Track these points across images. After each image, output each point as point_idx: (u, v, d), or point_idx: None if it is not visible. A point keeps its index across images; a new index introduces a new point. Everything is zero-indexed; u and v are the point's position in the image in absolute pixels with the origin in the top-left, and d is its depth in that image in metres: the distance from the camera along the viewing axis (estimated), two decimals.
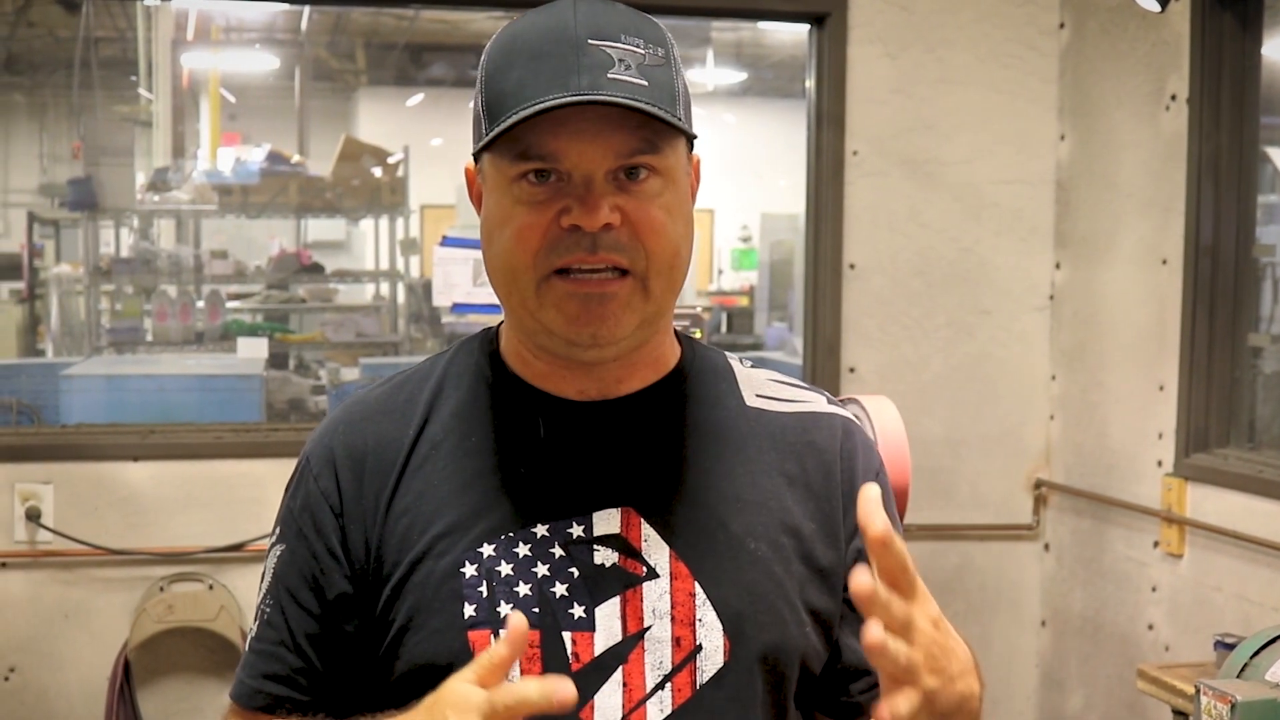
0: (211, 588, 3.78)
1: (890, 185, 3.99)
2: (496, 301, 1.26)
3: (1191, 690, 2.62)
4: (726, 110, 12.52)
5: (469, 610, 1.27)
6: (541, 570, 1.27)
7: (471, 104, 1.33)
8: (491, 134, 1.25)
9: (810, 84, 4.04)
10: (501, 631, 1.19)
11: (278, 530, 1.39)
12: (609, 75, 1.22)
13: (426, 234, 13.45)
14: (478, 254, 3.77)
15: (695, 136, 1.32)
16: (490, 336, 1.40)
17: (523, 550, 1.28)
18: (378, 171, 7.85)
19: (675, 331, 1.41)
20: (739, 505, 1.31)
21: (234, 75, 11.14)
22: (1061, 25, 4.02)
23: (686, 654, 1.27)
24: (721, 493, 1.31)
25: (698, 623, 1.27)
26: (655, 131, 1.25)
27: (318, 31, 11.66)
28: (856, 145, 3.97)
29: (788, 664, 1.31)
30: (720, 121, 11.97)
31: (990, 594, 4.14)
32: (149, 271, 7.59)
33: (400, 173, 7.96)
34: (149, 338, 7.43)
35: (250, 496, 3.80)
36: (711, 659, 1.27)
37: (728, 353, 1.45)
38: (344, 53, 13.30)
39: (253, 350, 5.74)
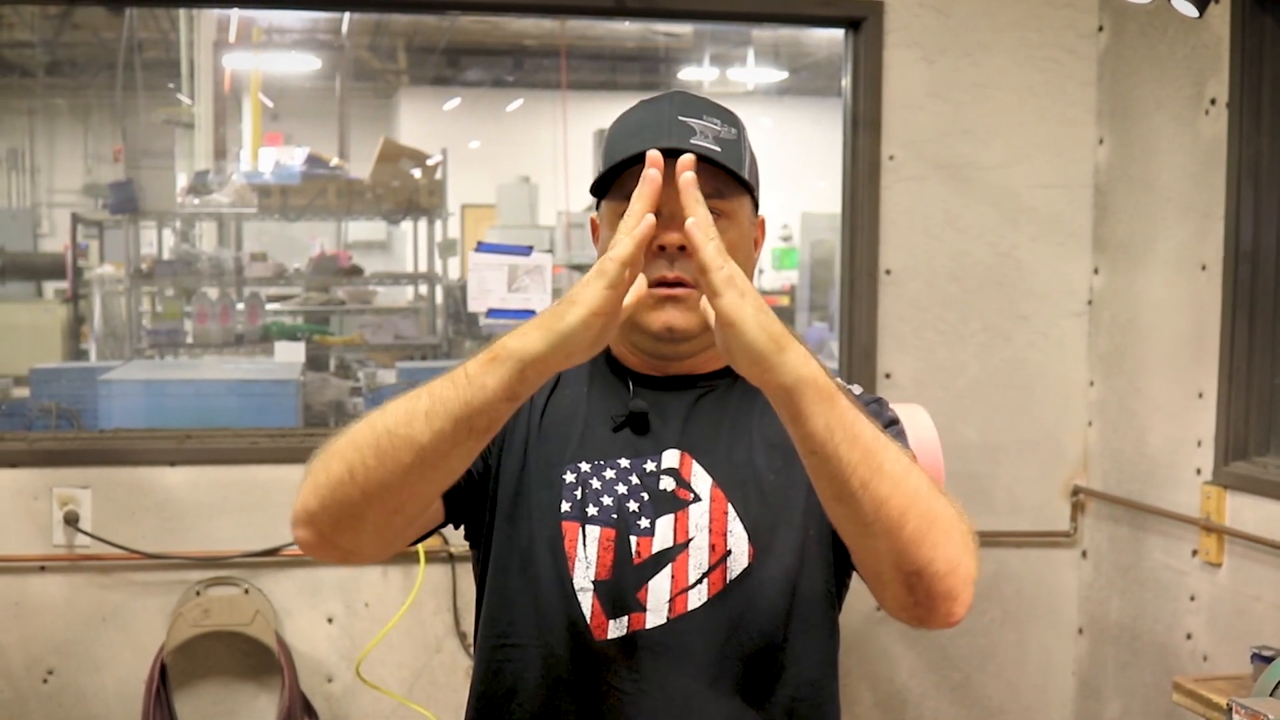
0: (247, 592, 3.80)
1: (927, 190, 3.97)
2: (531, 307, 1.52)
3: (1226, 703, 2.60)
4: (766, 109, 12.50)
5: (564, 505, 1.68)
6: (621, 489, 1.69)
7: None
8: (601, 173, 1.68)
9: (846, 88, 4.02)
10: (588, 527, 1.66)
11: None
12: (691, 141, 1.63)
13: (467, 233, 13.49)
14: (513, 260, 3.80)
15: (756, 190, 1.73)
16: None
17: (609, 473, 1.70)
18: (417, 173, 7.87)
19: None
20: (766, 447, 1.70)
21: (275, 76, 11.19)
22: (1100, 28, 3.99)
23: (719, 557, 1.65)
24: (753, 438, 1.71)
25: (729, 533, 1.66)
26: (724, 184, 1.66)
27: (359, 32, 11.71)
28: (893, 150, 3.95)
29: (801, 560, 1.67)
30: (759, 119, 11.96)
31: (1027, 601, 4.12)
32: (190, 273, 7.64)
33: (439, 175, 7.98)
34: (189, 339, 7.48)
35: (286, 502, 3.78)
36: (739, 560, 1.65)
37: None
38: (385, 53, 13.34)
39: (290, 355, 5.76)
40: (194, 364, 6.89)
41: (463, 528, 1.78)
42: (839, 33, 4.08)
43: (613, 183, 1.70)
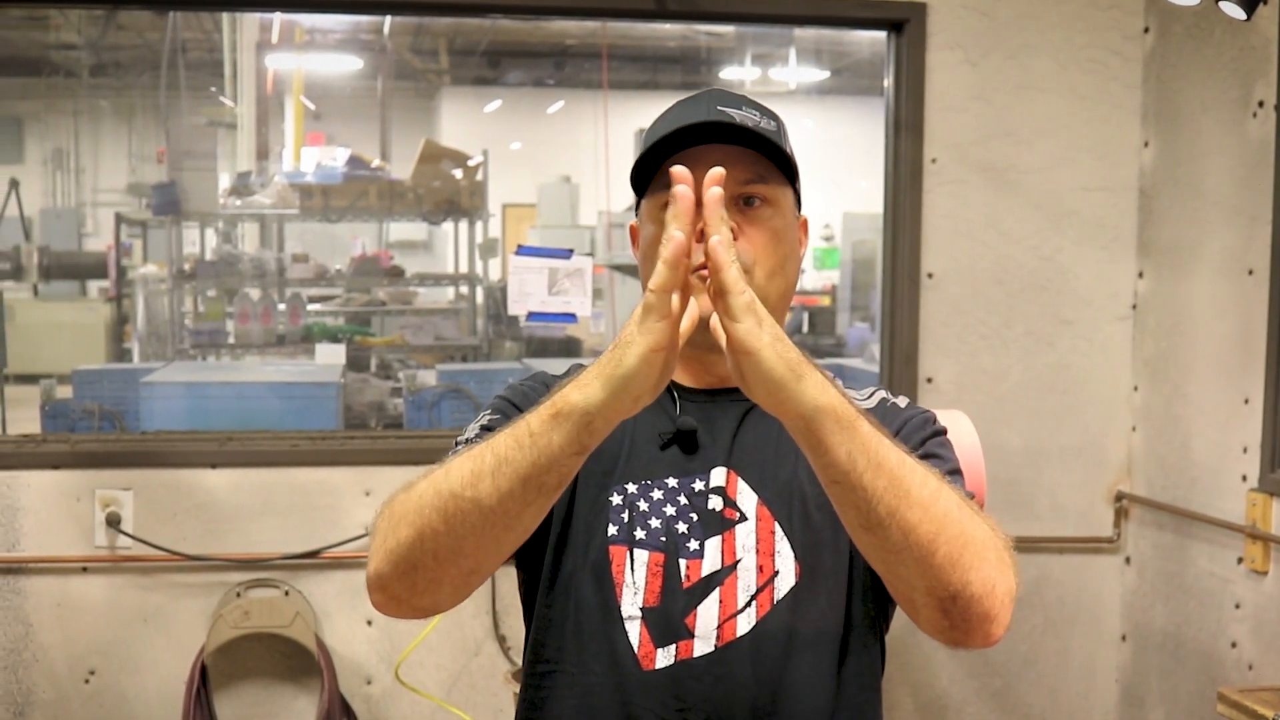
0: (287, 594, 3.81)
1: (969, 193, 3.94)
2: (571, 310, 1.50)
3: (1273, 716, 2.57)
4: (808, 108, 12.47)
5: (611, 529, 1.65)
6: (670, 511, 1.65)
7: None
8: (639, 157, 1.64)
9: (888, 90, 3.99)
10: (636, 550, 1.63)
11: (487, 409, 1.73)
12: (732, 125, 1.61)
13: (509, 233, 13.51)
14: (553, 263, 3.80)
15: (798, 180, 1.69)
16: None
17: (657, 494, 1.66)
18: (458, 174, 7.89)
19: None
20: (809, 464, 1.59)
21: (317, 77, 11.24)
22: (1146, 30, 3.95)
23: (767, 578, 1.62)
24: (798, 456, 1.63)
25: (776, 554, 1.63)
26: (767, 169, 1.65)
27: (400, 33, 11.74)
28: (935, 153, 3.92)
29: (846, 580, 1.65)
30: (801, 120, 11.92)
31: (1070, 608, 4.08)
32: (232, 274, 7.69)
33: (479, 176, 7.99)
34: (231, 340, 7.53)
35: (326, 504, 3.83)
36: (785, 580, 1.62)
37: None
38: (427, 54, 13.38)
39: (331, 356, 5.78)
40: (235, 366, 6.94)
41: None
42: (881, 33, 4.06)
43: (652, 179, 1.67)
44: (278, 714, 3.87)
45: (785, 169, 1.67)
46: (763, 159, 1.65)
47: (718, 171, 1.34)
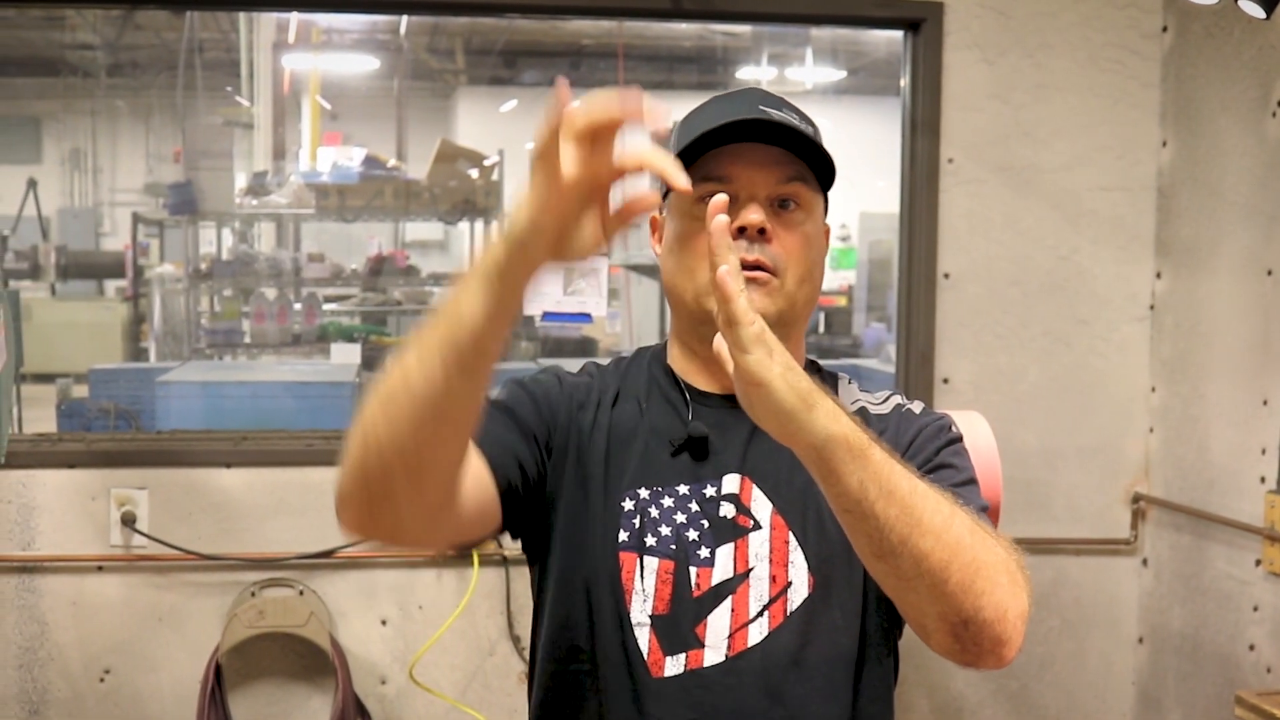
0: (302, 593, 3.81)
1: (986, 193, 3.93)
2: (587, 310, 1.53)
3: None
4: (824, 108, 12.44)
5: (622, 535, 1.64)
6: (680, 518, 1.64)
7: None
8: (680, 149, 1.62)
9: (905, 90, 3.98)
10: (645, 558, 1.62)
11: (499, 389, 1.71)
12: (774, 124, 1.63)
13: None
14: (567, 263, 3.79)
15: (831, 183, 1.72)
16: (660, 349, 1.81)
17: (668, 501, 1.65)
18: (474, 174, 7.89)
19: (807, 359, 1.78)
20: None
21: (334, 77, 11.25)
22: (1164, 29, 3.93)
23: (780, 589, 1.61)
24: None
25: (790, 564, 1.62)
26: (804, 171, 1.67)
27: (417, 33, 11.75)
28: (952, 152, 3.90)
29: (860, 593, 1.63)
30: (818, 119, 11.89)
31: (1086, 609, 4.07)
32: (248, 274, 7.70)
33: (495, 176, 7.99)
34: (247, 339, 7.54)
35: None
36: (799, 591, 1.61)
37: (839, 373, 1.83)
38: (443, 53, 13.39)
39: (346, 356, 5.79)
40: (250, 365, 6.95)
41: (519, 541, 1.72)
42: (898, 33, 4.04)
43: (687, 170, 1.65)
44: (292, 713, 3.87)
45: (819, 174, 1.69)
46: (799, 161, 1.66)
47: (721, 199, 1.32)
